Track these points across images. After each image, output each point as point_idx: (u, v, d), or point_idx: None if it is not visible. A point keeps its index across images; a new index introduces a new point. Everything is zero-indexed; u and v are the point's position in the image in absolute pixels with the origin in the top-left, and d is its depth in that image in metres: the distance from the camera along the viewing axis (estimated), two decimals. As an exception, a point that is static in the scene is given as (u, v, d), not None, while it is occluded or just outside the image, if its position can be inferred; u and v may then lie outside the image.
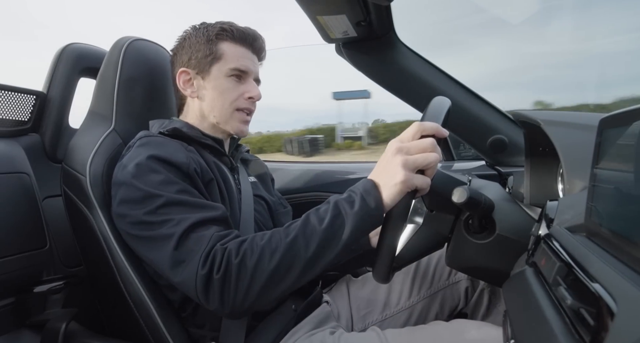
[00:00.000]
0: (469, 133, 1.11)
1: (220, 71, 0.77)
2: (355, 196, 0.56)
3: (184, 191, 0.64)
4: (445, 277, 0.87)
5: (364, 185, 0.57)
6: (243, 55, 0.78)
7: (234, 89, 0.78)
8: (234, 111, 0.78)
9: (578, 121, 0.59)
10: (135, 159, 0.66)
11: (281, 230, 0.58)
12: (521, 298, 0.45)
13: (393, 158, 0.54)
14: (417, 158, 0.54)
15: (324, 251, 0.55)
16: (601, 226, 0.36)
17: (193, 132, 0.77)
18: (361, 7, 0.87)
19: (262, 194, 0.87)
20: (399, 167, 0.53)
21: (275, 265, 0.55)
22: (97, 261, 0.72)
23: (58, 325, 0.70)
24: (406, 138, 0.56)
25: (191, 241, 0.58)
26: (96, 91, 0.83)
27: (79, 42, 1.02)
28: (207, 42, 0.76)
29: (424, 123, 0.55)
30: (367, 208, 0.55)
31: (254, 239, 0.58)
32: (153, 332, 0.69)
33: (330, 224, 0.55)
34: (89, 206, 0.72)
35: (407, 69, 1.07)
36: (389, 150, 0.56)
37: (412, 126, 0.56)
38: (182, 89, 0.79)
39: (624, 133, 0.34)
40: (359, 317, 0.85)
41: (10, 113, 0.92)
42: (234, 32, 0.77)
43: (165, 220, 0.60)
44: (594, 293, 0.29)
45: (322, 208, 0.58)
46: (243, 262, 0.55)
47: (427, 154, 0.54)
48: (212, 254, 0.56)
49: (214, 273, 0.55)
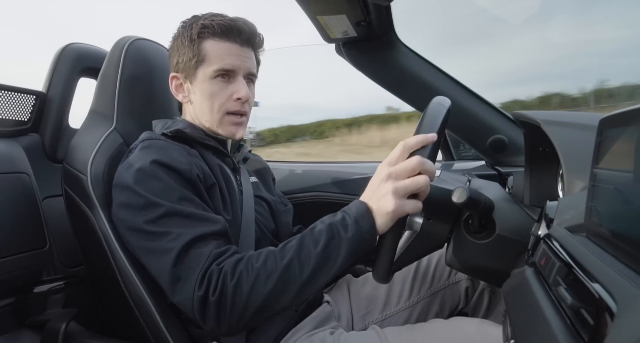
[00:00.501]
0: (469, 133, 1.11)
1: (205, 74, 0.73)
2: (349, 220, 0.57)
3: (185, 199, 0.63)
4: (446, 277, 0.87)
5: (358, 209, 0.57)
6: (228, 52, 0.73)
7: (222, 91, 0.74)
8: (224, 114, 0.75)
9: (578, 121, 0.59)
10: (138, 163, 0.65)
11: (277, 252, 0.58)
12: (521, 298, 0.45)
13: (384, 184, 0.55)
14: (407, 185, 0.54)
15: (319, 274, 0.57)
16: (601, 226, 0.36)
17: (196, 133, 0.76)
18: (361, 7, 0.87)
19: (263, 195, 0.87)
20: (390, 195, 0.54)
21: (270, 288, 0.56)
22: (98, 261, 0.72)
23: (58, 325, 0.70)
24: (394, 160, 0.56)
25: (189, 258, 0.59)
26: (97, 91, 0.83)
27: (78, 42, 1.02)
28: (191, 43, 0.73)
29: (407, 141, 0.55)
30: (360, 232, 0.56)
31: (249, 260, 0.58)
32: (154, 332, 0.69)
33: (324, 248, 0.56)
34: (90, 205, 0.72)
35: (407, 69, 1.07)
36: (379, 175, 0.56)
37: (398, 147, 0.56)
38: (175, 94, 0.78)
39: (624, 133, 0.34)
40: (359, 316, 0.85)
41: (10, 113, 0.92)
42: (215, 28, 0.72)
43: (165, 233, 0.60)
44: (593, 293, 0.29)
45: (316, 228, 0.58)
46: (239, 284, 0.56)
47: (416, 178, 0.54)
48: (209, 274, 0.57)
49: (209, 294, 0.56)
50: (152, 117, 0.81)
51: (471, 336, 0.64)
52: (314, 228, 0.59)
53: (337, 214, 0.60)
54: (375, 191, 0.56)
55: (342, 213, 0.59)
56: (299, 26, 1.36)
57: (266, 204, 0.87)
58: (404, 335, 0.68)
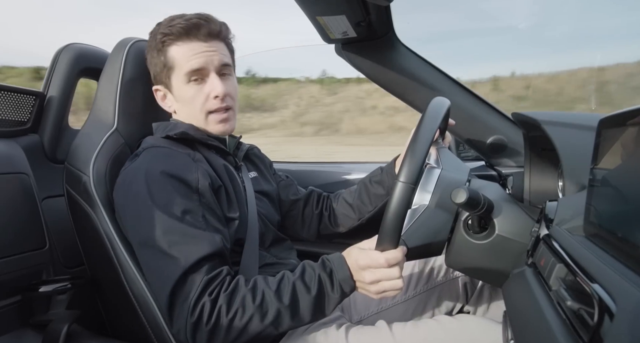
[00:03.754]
0: (468, 133, 1.11)
1: (178, 81, 0.74)
2: (336, 281, 0.63)
3: (188, 212, 0.64)
4: (444, 273, 0.87)
5: (344, 272, 0.63)
6: (192, 52, 0.72)
7: (198, 93, 0.74)
8: (207, 114, 0.76)
9: (577, 122, 0.59)
10: (143, 171, 0.66)
11: (272, 294, 0.61)
12: (521, 299, 0.45)
13: (367, 285, 0.61)
14: (386, 287, 0.61)
15: (306, 319, 0.63)
16: (600, 226, 0.36)
17: (199, 134, 0.76)
18: (361, 8, 0.86)
19: (264, 188, 0.88)
20: (372, 293, 0.62)
21: (263, 327, 0.61)
22: (101, 261, 0.72)
23: (60, 326, 0.70)
24: (376, 264, 0.59)
25: (186, 286, 0.61)
26: (99, 91, 0.83)
27: (78, 42, 1.02)
28: (158, 54, 0.74)
29: (389, 258, 0.59)
30: (343, 294, 0.64)
31: (245, 297, 0.61)
32: (157, 333, 0.69)
33: (315, 300, 0.62)
34: (93, 205, 0.72)
35: (407, 70, 1.07)
36: (363, 276, 0.61)
37: (379, 259, 0.59)
38: (163, 106, 0.80)
39: (623, 133, 0.34)
40: (355, 309, 0.86)
41: (10, 113, 0.92)
42: (175, 32, 0.72)
43: (164, 253, 0.62)
44: (593, 294, 0.29)
45: (306, 275, 0.63)
46: (233, 320, 0.60)
47: (394, 283, 0.60)
48: (201, 305, 0.59)
49: (203, 323, 0.59)
50: (153, 118, 0.81)
51: (476, 334, 0.65)
52: (303, 276, 0.63)
53: (325, 264, 0.64)
54: (359, 275, 0.62)
55: (330, 268, 0.64)
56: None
57: (267, 198, 0.87)
58: (408, 329, 0.69)
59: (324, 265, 0.64)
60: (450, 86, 1.09)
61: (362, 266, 0.61)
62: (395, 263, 0.59)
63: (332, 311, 0.65)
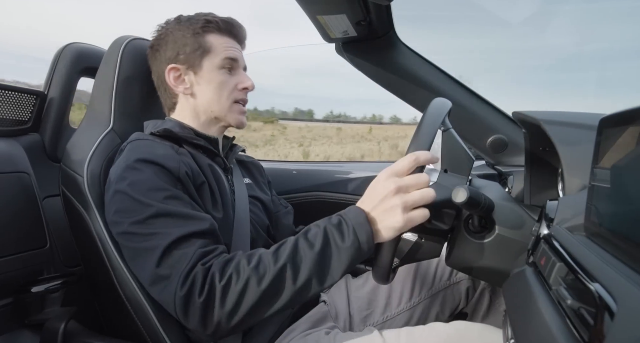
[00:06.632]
0: (469, 133, 1.11)
1: (212, 64, 0.76)
2: (347, 228, 0.55)
3: (172, 197, 0.62)
4: (447, 277, 0.87)
5: (357, 217, 0.55)
6: (230, 44, 0.78)
7: (228, 81, 0.78)
8: (232, 103, 0.79)
9: (578, 121, 0.59)
10: (124, 163, 0.65)
11: (270, 255, 0.56)
12: (521, 298, 0.45)
13: (392, 198, 0.54)
14: (416, 199, 0.54)
15: (312, 282, 0.55)
16: (601, 225, 0.36)
17: (184, 132, 0.76)
18: (361, 7, 0.86)
19: (257, 195, 0.87)
20: (398, 210, 0.53)
21: (261, 293, 0.54)
22: (94, 262, 0.71)
23: (57, 324, 0.70)
24: (401, 171, 0.55)
25: (173, 258, 0.57)
26: (94, 91, 0.82)
27: (78, 42, 1.02)
28: (194, 36, 0.75)
29: (419, 155, 0.54)
30: (357, 243, 0.54)
31: (240, 262, 0.56)
32: (151, 334, 0.69)
33: (319, 255, 0.54)
34: (86, 206, 0.71)
35: (407, 69, 1.07)
36: (386, 187, 0.54)
37: (407, 158, 0.54)
38: (174, 86, 0.77)
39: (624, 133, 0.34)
40: (360, 318, 0.84)
41: (11, 113, 0.92)
42: (220, 23, 0.77)
43: (150, 234, 0.59)
44: (593, 293, 0.29)
45: (311, 232, 0.57)
46: (228, 286, 0.54)
47: (424, 191, 0.54)
48: (193, 275, 0.55)
49: (195, 295, 0.55)
50: (149, 117, 0.81)
51: (472, 340, 0.63)
52: (308, 231, 0.57)
53: (332, 218, 0.58)
54: (380, 203, 0.55)
55: (338, 217, 0.57)
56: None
57: (261, 204, 0.86)
58: (404, 338, 0.68)
59: (331, 217, 0.58)
60: (451, 85, 1.09)
61: (384, 178, 0.55)
62: (425, 162, 0.54)
63: (344, 273, 0.55)
